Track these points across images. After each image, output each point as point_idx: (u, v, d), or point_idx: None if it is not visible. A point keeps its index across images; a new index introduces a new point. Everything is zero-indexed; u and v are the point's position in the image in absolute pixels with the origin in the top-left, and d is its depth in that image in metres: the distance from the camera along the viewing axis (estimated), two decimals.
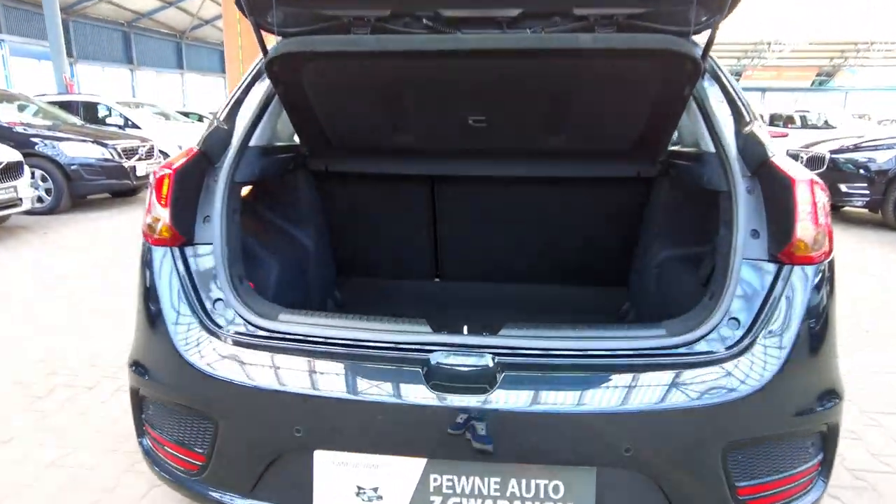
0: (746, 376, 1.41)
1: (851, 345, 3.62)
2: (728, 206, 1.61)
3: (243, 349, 1.53)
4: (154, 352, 1.62)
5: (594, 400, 1.38)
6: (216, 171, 1.75)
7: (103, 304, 4.32)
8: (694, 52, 1.64)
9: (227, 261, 1.65)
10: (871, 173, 7.68)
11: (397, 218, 2.63)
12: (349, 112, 2.10)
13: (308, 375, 1.46)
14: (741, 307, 1.50)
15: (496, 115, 2.02)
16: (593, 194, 2.46)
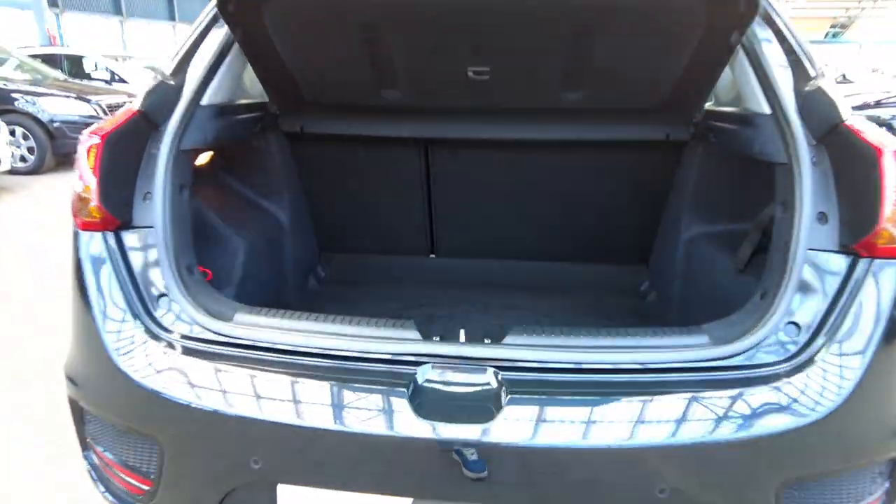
0: (809, 397, 1.13)
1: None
2: (787, 181, 1.30)
3: (190, 358, 1.25)
4: (87, 359, 1.34)
5: (624, 430, 1.10)
6: (160, 137, 1.44)
7: None
8: None
9: (172, 247, 1.36)
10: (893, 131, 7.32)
11: (386, 186, 2.30)
12: (324, 62, 1.75)
13: (268, 394, 1.18)
14: (803, 309, 1.21)
15: (501, 64, 1.68)
16: (613, 160, 2.12)
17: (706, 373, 1.17)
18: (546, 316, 2.16)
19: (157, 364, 1.25)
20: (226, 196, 2.00)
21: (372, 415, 1.13)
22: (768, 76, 1.43)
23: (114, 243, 1.34)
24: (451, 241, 2.44)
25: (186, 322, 1.29)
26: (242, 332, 1.27)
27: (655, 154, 2.06)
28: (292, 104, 2.00)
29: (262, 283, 1.96)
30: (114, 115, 1.44)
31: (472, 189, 2.26)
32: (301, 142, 2.16)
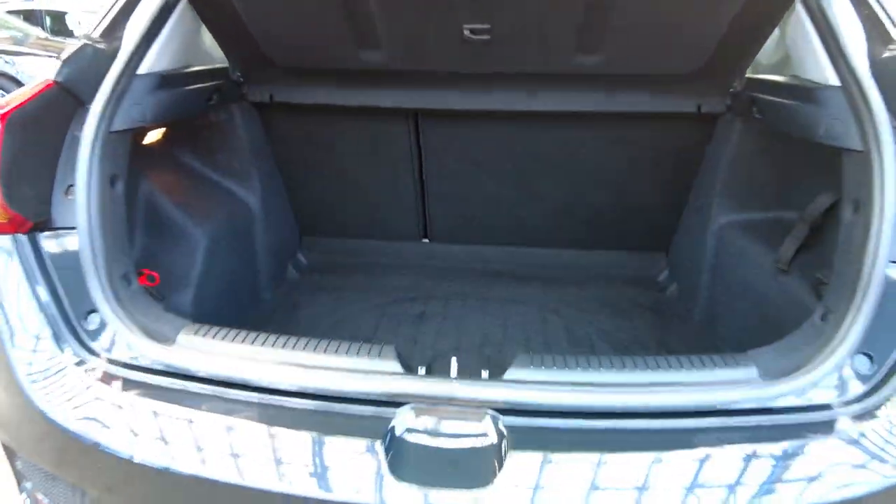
0: (885, 451, 0.90)
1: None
2: (862, 174, 1.04)
3: (121, 392, 1.02)
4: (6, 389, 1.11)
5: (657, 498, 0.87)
6: (81, 115, 1.17)
7: None
8: None
9: (102, 252, 1.11)
10: None
11: (372, 162, 2.00)
12: (291, 17, 1.45)
13: (211, 444, 0.95)
14: (879, 337, 0.97)
15: (504, 21, 1.39)
16: (632, 134, 1.83)
17: (758, 416, 0.94)
18: (553, 312, 1.91)
19: (81, 400, 1.02)
20: (183, 179, 1.72)
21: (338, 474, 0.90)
22: (836, 38, 1.14)
23: (28, 248, 1.10)
24: (445, 224, 2.17)
25: (119, 346, 1.06)
26: (185, 358, 1.03)
27: (682, 127, 1.77)
28: (258, 69, 1.70)
29: (228, 279, 1.71)
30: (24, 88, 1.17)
31: (469, 165, 1.98)
32: (272, 112, 1.86)
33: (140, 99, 1.26)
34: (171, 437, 0.97)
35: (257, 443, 0.94)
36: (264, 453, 0.93)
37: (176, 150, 1.73)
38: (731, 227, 1.69)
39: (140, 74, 1.27)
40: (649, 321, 1.90)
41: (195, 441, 0.96)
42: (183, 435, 0.97)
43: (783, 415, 0.95)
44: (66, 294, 1.10)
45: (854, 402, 0.95)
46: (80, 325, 1.09)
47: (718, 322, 1.72)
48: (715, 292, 1.74)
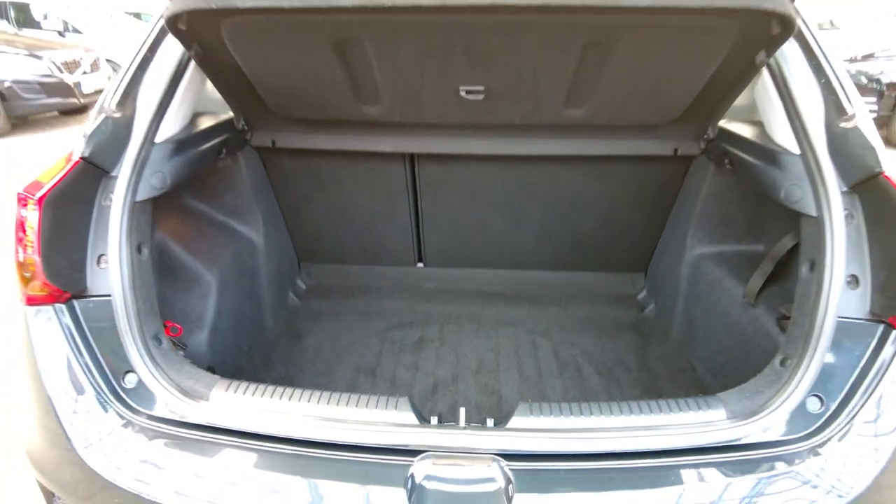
0: (838, 479, 1.06)
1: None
2: (817, 237, 1.19)
3: (162, 446, 1.13)
4: (51, 448, 1.20)
5: None
6: (110, 186, 1.26)
7: None
8: (786, 8, 1.13)
9: (135, 317, 1.20)
10: (882, 86, 7.18)
11: (369, 195, 2.12)
12: (296, 79, 1.55)
13: (251, 492, 1.07)
14: (828, 381, 1.12)
15: (497, 84, 1.50)
16: (614, 173, 1.97)
17: (726, 453, 1.09)
18: (541, 335, 2.06)
19: (128, 455, 1.12)
20: (191, 224, 1.81)
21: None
22: (796, 107, 1.28)
23: (67, 317, 1.19)
24: (439, 248, 2.30)
25: (157, 404, 1.16)
26: (221, 415, 1.14)
27: (661, 166, 1.92)
28: (261, 118, 1.80)
29: (236, 315, 1.82)
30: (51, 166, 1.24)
31: (461, 196, 2.10)
32: (273, 154, 1.96)
33: (159, 167, 1.35)
34: (208, 488, 1.09)
35: (287, 491, 1.06)
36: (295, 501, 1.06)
37: (183, 196, 1.81)
38: (704, 258, 1.85)
39: (158, 143, 1.35)
40: (630, 341, 2.05)
41: (232, 491, 1.08)
42: (219, 486, 1.08)
43: (749, 451, 1.10)
44: (104, 357, 1.20)
45: (807, 438, 1.10)
46: (119, 386, 1.19)
47: (694, 343, 1.87)
48: (690, 315, 1.89)
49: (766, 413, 1.11)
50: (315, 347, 2.00)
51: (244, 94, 1.65)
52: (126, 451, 1.13)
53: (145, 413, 1.17)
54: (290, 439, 1.11)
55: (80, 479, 1.15)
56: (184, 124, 1.48)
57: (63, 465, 1.17)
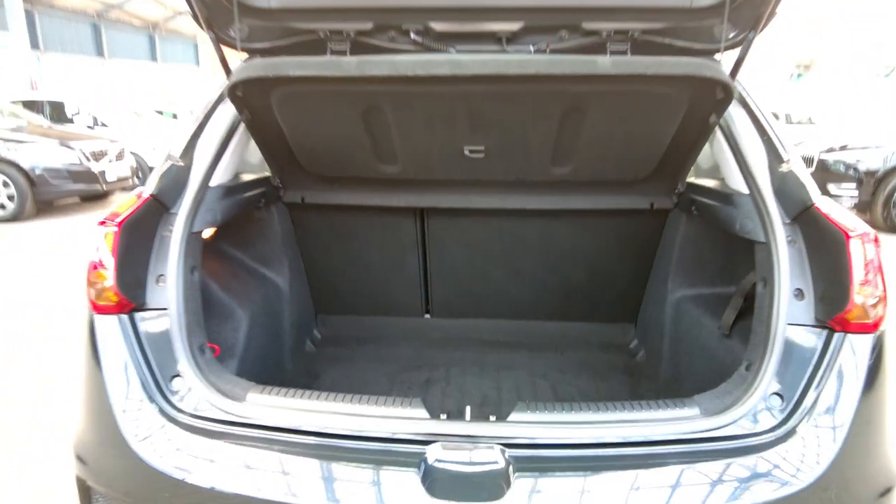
0: (796, 467, 1.21)
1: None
2: (767, 259, 1.40)
3: (204, 439, 1.29)
4: (101, 441, 1.36)
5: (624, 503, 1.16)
6: (171, 220, 1.50)
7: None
8: (725, 78, 1.42)
9: (185, 329, 1.40)
10: (860, 173, 7.62)
11: (383, 249, 2.37)
12: (327, 141, 1.84)
13: (287, 477, 1.22)
14: (785, 381, 1.29)
15: (495, 144, 1.79)
16: (600, 225, 2.24)
17: (700, 444, 1.24)
18: (541, 377, 2.23)
19: (174, 447, 1.28)
20: (227, 267, 2.05)
21: (383, 495, 1.17)
22: (744, 157, 1.55)
23: (129, 326, 1.39)
24: (445, 301, 2.51)
25: (202, 403, 1.33)
26: (254, 412, 1.31)
27: (641, 220, 2.18)
28: (294, 178, 2.08)
29: (262, 351, 2.00)
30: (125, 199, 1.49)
31: (466, 251, 2.35)
32: (301, 210, 2.24)
33: (212, 206, 1.60)
34: (245, 472, 1.24)
35: (317, 474, 1.21)
36: (324, 483, 1.20)
37: (222, 244, 2.06)
38: (684, 300, 2.05)
39: (212, 186, 1.61)
40: (623, 382, 2.21)
41: (267, 475, 1.23)
42: (256, 470, 1.23)
43: (719, 442, 1.26)
44: (156, 363, 1.39)
45: (769, 431, 1.26)
46: (167, 388, 1.36)
47: (680, 379, 2.03)
48: (675, 354, 2.07)
49: (733, 409, 1.28)
50: (330, 385, 2.16)
51: (281, 155, 1.93)
52: (171, 443, 1.29)
53: (188, 412, 1.33)
54: (317, 433, 1.27)
55: (129, 469, 1.30)
56: (231, 175, 1.74)
57: (115, 457, 1.32)
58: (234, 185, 1.77)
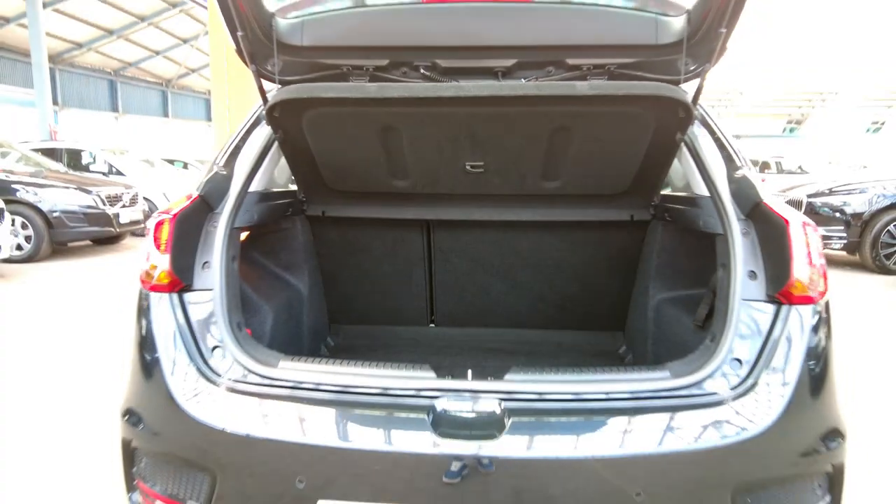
0: (752, 417, 1.41)
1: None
2: (725, 248, 1.64)
3: (243, 397, 1.49)
4: (150, 401, 1.57)
5: (604, 445, 1.36)
6: (215, 217, 1.75)
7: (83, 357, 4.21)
8: (685, 99, 1.70)
9: (226, 307, 1.63)
10: (846, 217, 7.88)
11: (393, 262, 2.62)
12: (348, 157, 2.12)
13: (310, 424, 1.42)
14: (742, 347, 1.51)
15: (493, 160, 2.06)
16: (588, 238, 2.49)
17: (669, 399, 1.45)
18: None
19: (215, 403, 1.48)
20: (256, 271, 2.29)
21: (399, 436, 1.37)
22: (706, 167, 1.81)
23: (178, 303, 1.61)
24: (448, 311, 2.74)
25: (239, 367, 1.54)
26: (286, 374, 1.52)
27: (623, 232, 2.43)
28: (317, 192, 2.35)
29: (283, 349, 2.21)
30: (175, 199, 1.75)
31: (468, 263, 2.60)
32: (321, 223, 2.49)
33: (250, 208, 1.86)
34: (276, 421, 1.43)
35: (346, 421, 1.41)
36: (352, 426, 1.40)
37: (252, 252, 2.31)
38: (663, 302, 2.27)
39: (250, 192, 1.87)
40: None
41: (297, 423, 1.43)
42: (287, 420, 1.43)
43: (687, 398, 1.46)
44: (200, 335, 1.60)
45: (730, 390, 1.46)
46: (209, 356, 1.58)
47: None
48: (657, 352, 2.27)
49: (699, 372, 1.49)
50: None
51: (307, 171, 2.20)
52: (213, 401, 1.50)
53: (228, 376, 1.54)
54: (342, 390, 1.48)
55: (176, 424, 1.50)
56: (264, 186, 2.01)
57: (163, 415, 1.52)
58: (267, 193, 2.03)
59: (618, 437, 1.37)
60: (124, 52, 26.44)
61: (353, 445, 1.37)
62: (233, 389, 1.51)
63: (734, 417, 1.40)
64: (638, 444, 1.36)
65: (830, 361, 1.51)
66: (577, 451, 1.35)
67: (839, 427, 1.52)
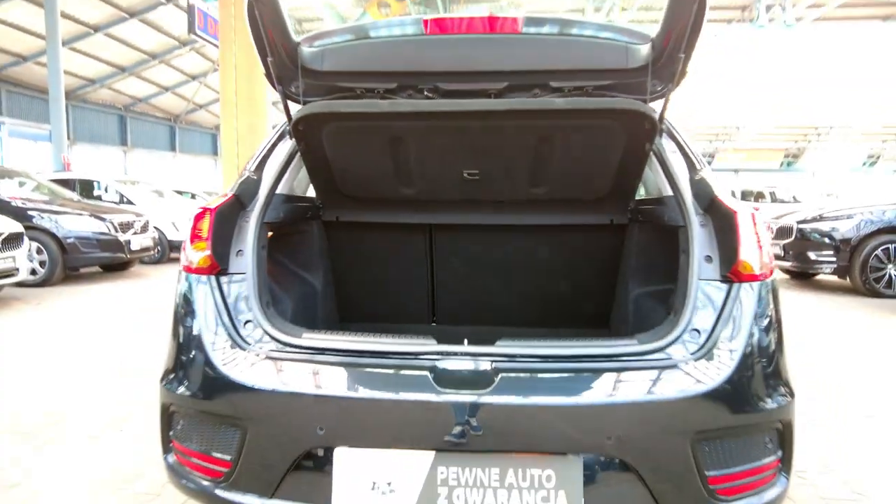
0: (706, 376, 1.64)
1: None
2: (686, 237, 1.91)
3: (272, 361, 1.74)
4: (190, 367, 1.81)
5: (579, 395, 1.60)
6: (247, 214, 2.02)
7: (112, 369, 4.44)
8: (651, 113, 1.99)
9: (257, 288, 1.89)
10: (836, 242, 8.11)
11: (397, 264, 2.89)
12: (360, 167, 2.41)
13: (329, 380, 1.67)
14: (700, 319, 1.76)
15: (487, 168, 2.34)
16: (574, 241, 2.76)
17: (636, 361, 1.69)
18: None
19: (248, 367, 1.73)
20: (277, 268, 2.55)
21: (407, 389, 1.61)
22: (671, 171, 2.09)
23: (216, 284, 1.88)
24: (448, 310, 2.99)
25: (268, 338, 1.79)
26: (310, 342, 1.77)
27: (605, 235, 2.70)
28: (332, 199, 2.63)
29: None
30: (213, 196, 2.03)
31: (466, 265, 2.86)
32: (334, 228, 2.77)
33: (276, 207, 2.14)
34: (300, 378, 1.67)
35: (361, 378, 1.66)
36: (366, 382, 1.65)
37: (274, 252, 2.57)
38: (641, 296, 2.52)
39: (277, 193, 2.15)
40: None
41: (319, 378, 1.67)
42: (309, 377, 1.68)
43: (652, 361, 1.70)
44: (234, 311, 1.86)
45: (689, 355, 1.70)
46: (242, 329, 1.83)
47: None
48: None
49: (662, 340, 1.73)
50: None
51: (324, 180, 2.49)
52: (247, 364, 1.74)
53: (259, 347, 1.79)
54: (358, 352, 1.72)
55: (214, 384, 1.73)
56: (289, 189, 2.29)
57: (202, 378, 1.76)
58: (291, 196, 2.31)
59: (590, 390, 1.61)
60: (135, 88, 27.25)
61: (367, 396, 1.61)
62: (263, 356, 1.75)
63: (691, 376, 1.64)
64: (608, 396, 1.60)
65: (776, 330, 1.75)
66: (554, 399, 1.59)
67: (786, 388, 1.75)
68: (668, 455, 1.60)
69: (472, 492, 1.58)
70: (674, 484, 1.61)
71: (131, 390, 3.76)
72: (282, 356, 1.75)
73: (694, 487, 1.61)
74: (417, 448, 1.60)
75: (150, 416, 2.40)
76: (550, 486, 1.58)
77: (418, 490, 1.59)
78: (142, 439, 2.98)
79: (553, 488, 1.58)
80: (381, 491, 1.61)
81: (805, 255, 8.42)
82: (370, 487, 1.61)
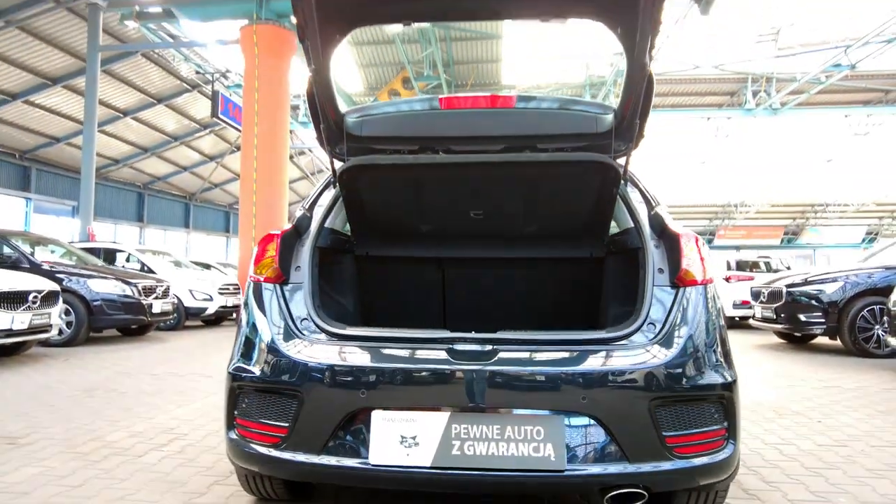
0: (659, 355, 2.13)
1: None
2: (643, 256, 2.44)
3: (324, 345, 2.24)
4: (258, 353, 2.29)
5: (561, 367, 2.09)
6: (303, 240, 2.58)
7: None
8: (615, 164, 2.58)
9: (311, 295, 2.42)
10: (823, 304, 8.46)
11: (415, 293, 3.42)
12: (388, 208, 2.99)
13: (369, 357, 2.17)
14: (655, 315, 2.26)
15: (489, 210, 2.92)
16: (562, 271, 3.30)
17: (602, 346, 2.18)
18: None
19: (307, 347, 2.23)
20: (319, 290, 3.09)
21: (429, 363, 2.10)
22: (632, 209, 2.65)
23: (280, 291, 2.41)
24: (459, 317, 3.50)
25: (321, 330, 2.30)
26: (353, 332, 2.27)
27: (587, 266, 3.25)
28: (364, 236, 3.20)
29: None
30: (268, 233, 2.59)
31: (472, 294, 3.39)
32: (364, 262, 3.32)
33: (326, 237, 2.70)
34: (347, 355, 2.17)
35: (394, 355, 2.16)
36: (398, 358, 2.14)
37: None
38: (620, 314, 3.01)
39: (325, 227, 2.72)
40: None
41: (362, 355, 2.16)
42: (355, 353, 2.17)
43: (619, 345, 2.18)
44: (293, 312, 2.37)
45: (648, 341, 2.19)
46: (300, 325, 2.33)
47: None
48: None
49: (625, 330, 2.23)
50: None
51: (359, 221, 3.07)
52: (305, 347, 2.24)
53: (314, 338, 2.29)
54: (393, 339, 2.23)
55: (278, 363, 2.21)
56: (332, 225, 2.86)
57: (267, 359, 2.24)
58: (335, 231, 2.88)
59: (569, 364, 2.09)
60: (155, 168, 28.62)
61: (399, 366, 2.10)
62: (319, 342, 2.25)
63: (648, 353, 2.12)
64: (582, 367, 2.08)
65: (715, 322, 2.25)
66: (542, 369, 2.07)
67: (727, 370, 2.21)
68: (631, 414, 2.05)
69: (479, 444, 2.03)
70: (637, 439, 2.05)
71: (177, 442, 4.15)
72: (331, 342, 2.25)
73: (653, 443, 2.05)
74: (437, 409, 2.07)
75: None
76: (540, 440, 2.03)
77: (437, 442, 2.04)
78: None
79: (541, 441, 2.02)
80: (408, 444, 2.06)
81: (796, 317, 8.76)
82: (399, 441, 2.06)
